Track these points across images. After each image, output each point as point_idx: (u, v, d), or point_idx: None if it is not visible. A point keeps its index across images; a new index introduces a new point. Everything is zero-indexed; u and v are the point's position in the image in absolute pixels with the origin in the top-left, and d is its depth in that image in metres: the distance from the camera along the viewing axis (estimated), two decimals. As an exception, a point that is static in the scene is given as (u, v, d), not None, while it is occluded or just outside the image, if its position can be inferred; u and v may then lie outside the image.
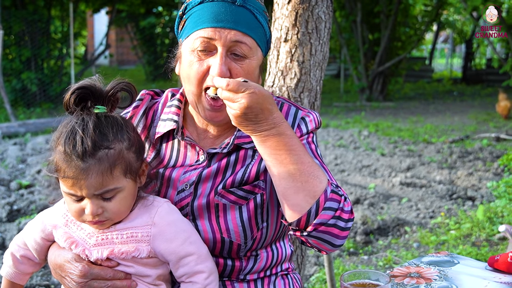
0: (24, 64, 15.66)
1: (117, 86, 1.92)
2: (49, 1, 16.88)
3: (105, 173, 1.78)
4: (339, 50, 21.23)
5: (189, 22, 1.98)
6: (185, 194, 2.05)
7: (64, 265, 1.94)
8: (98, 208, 1.82)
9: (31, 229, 2.04)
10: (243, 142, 2.05)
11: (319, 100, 3.11)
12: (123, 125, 1.88)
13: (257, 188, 2.04)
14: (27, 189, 7.47)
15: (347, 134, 11.77)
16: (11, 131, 11.43)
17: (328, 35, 3.04)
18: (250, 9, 1.96)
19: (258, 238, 2.07)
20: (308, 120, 2.08)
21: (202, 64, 1.95)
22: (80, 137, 1.77)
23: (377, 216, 6.43)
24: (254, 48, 1.98)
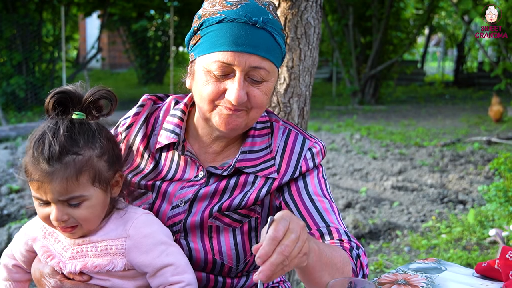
0: (15, 67, 15.61)
1: (96, 93, 1.87)
2: (41, 5, 16.83)
3: (70, 179, 1.73)
4: (331, 54, 21.28)
5: (205, 40, 1.88)
6: (179, 211, 2.01)
7: (41, 280, 1.93)
8: (63, 214, 1.77)
9: (17, 241, 2.02)
10: (244, 166, 1.99)
11: (308, 105, 3.11)
12: (96, 132, 1.82)
13: (252, 212, 2.00)
14: (17, 193, 7.43)
15: (339, 137, 11.78)
16: (2, 135, 11.38)
17: (317, 41, 3.04)
18: (270, 31, 1.87)
19: (251, 261, 2.05)
20: (315, 151, 2.03)
21: (218, 86, 1.87)
22: (48, 141, 1.73)
23: (368, 220, 6.43)
24: (272, 71, 1.90)
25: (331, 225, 1.92)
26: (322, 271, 1.67)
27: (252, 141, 2.03)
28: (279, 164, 2.01)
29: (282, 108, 3.00)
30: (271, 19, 1.88)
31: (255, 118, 1.95)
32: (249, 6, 1.86)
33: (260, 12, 1.86)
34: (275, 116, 2.13)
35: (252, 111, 1.91)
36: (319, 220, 1.93)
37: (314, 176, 2.01)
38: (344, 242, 1.88)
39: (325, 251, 1.69)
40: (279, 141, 2.05)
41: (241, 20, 1.83)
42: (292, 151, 2.02)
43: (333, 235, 1.89)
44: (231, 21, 1.84)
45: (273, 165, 2.00)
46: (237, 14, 1.84)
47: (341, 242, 1.87)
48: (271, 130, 2.07)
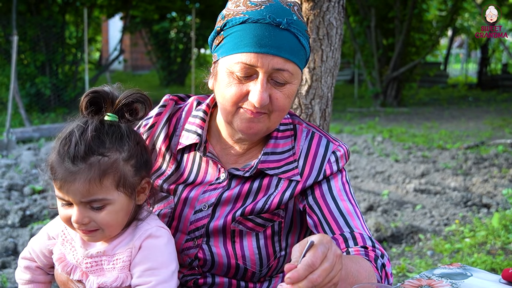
0: (39, 69, 15.76)
1: (130, 96, 1.82)
2: (64, 7, 16.99)
3: (93, 180, 1.68)
4: (353, 56, 21.19)
5: (228, 41, 1.85)
6: (202, 215, 1.99)
7: (68, 283, 1.91)
8: (84, 217, 1.71)
9: (38, 243, 1.99)
10: (267, 168, 1.97)
11: (330, 107, 3.07)
12: (125, 135, 1.77)
13: (276, 216, 1.97)
14: (40, 194, 7.48)
15: (361, 139, 11.70)
16: (25, 136, 11.48)
17: (339, 41, 3.00)
18: (294, 32, 1.83)
19: (274, 266, 2.02)
20: (339, 155, 1.99)
21: (241, 87, 1.84)
22: (75, 140, 1.69)
23: (390, 223, 6.36)
24: (296, 73, 1.87)
25: (355, 230, 1.89)
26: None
27: (275, 143, 2.00)
28: (303, 167, 1.98)
29: (304, 109, 2.97)
30: (296, 20, 1.85)
31: (277, 121, 1.92)
32: (273, 7, 1.83)
33: (285, 13, 1.83)
34: (298, 118, 2.10)
35: (274, 114, 1.88)
36: (343, 225, 1.90)
37: (338, 179, 1.98)
38: (368, 249, 1.84)
39: (352, 271, 1.64)
40: (303, 143, 2.02)
41: (265, 21, 1.80)
42: (315, 154, 1.99)
43: (357, 240, 1.86)
44: (254, 22, 1.81)
45: (296, 167, 1.97)
46: (261, 15, 1.81)
47: (365, 250, 1.83)
48: (294, 133, 2.04)
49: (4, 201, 7.00)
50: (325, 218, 1.92)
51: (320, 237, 1.44)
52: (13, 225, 6.20)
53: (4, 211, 6.56)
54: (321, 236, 1.44)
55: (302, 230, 2.05)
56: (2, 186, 7.69)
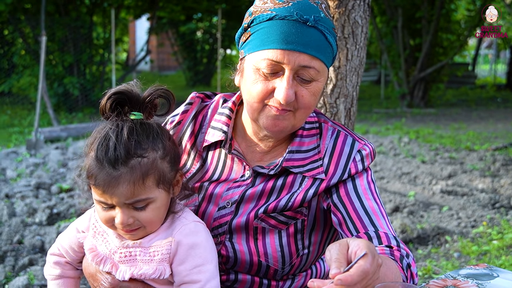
0: (67, 69, 15.94)
1: (155, 93, 1.83)
2: (92, 8, 17.16)
3: (137, 183, 1.69)
4: (380, 56, 21.06)
5: (255, 37, 1.86)
6: (226, 212, 1.99)
7: (96, 275, 1.91)
8: (129, 217, 1.74)
9: (67, 238, 2.01)
10: (292, 166, 1.96)
11: (355, 106, 3.05)
12: (159, 133, 1.78)
13: (299, 214, 1.96)
14: (67, 193, 7.57)
15: (387, 140, 11.62)
16: (53, 136, 11.62)
17: (364, 40, 2.98)
18: (321, 29, 1.82)
19: (297, 264, 2.01)
20: (365, 154, 1.98)
21: (267, 84, 1.84)
22: (113, 144, 1.68)
23: (416, 224, 6.30)
24: (322, 71, 1.86)
25: (380, 229, 1.87)
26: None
27: (300, 141, 2.00)
28: (327, 165, 1.97)
29: (329, 108, 2.96)
30: (323, 18, 1.84)
31: (302, 119, 1.91)
32: (300, 4, 1.82)
33: (312, 10, 1.82)
34: (324, 117, 2.09)
35: (299, 112, 1.87)
36: (368, 223, 1.88)
37: (364, 178, 1.97)
38: (393, 249, 1.82)
39: (380, 275, 1.60)
40: (328, 142, 2.01)
41: (292, 18, 1.80)
42: (341, 153, 1.98)
43: (382, 239, 1.84)
44: (282, 19, 1.81)
45: (321, 165, 1.96)
46: (288, 12, 1.80)
47: (390, 250, 1.81)
48: (319, 131, 2.03)
49: (32, 199, 7.09)
50: (349, 217, 1.90)
51: (369, 245, 1.42)
52: (40, 223, 6.28)
53: (32, 209, 6.64)
54: (369, 244, 1.43)
55: (326, 229, 2.03)
56: (30, 184, 7.79)
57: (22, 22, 16.16)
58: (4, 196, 7.30)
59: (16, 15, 15.79)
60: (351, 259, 1.42)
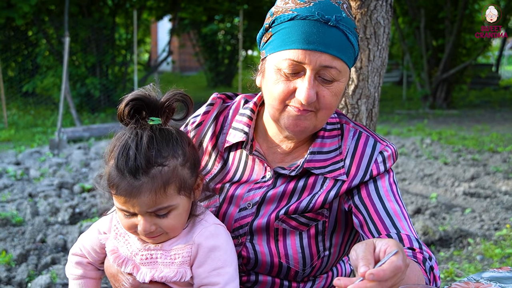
0: (89, 70, 16.08)
1: (173, 97, 1.82)
2: (114, 9, 17.30)
3: (158, 191, 1.69)
4: (402, 57, 20.94)
5: (276, 37, 1.85)
6: (247, 213, 1.99)
7: (118, 275, 1.93)
8: (151, 225, 1.74)
9: (88, 238, 2.03)
10: (313, 167, 1.95)
11: (377, 107, 3.03)
12: (178, 140, 1.78)
13: (320, 215, 1.95)
14: (89, 192, 7.63)
15: (409, 142, 11.54)
16: (75, 136, 11.72)
17: (387, 41, 2.96)
18: (343, 29, 1.81)
19: (318, 266, 2.00)
20: (387, 155, 1.96)
21: (288, 84, 1.83)
22: (133, 153, 1.68)
23: (438, 226, 6.25)
24: (344, 71, 1.85)
25: (401, 231, 1.86)
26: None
27: (322, 142, 1.99)
28: (349, 167, 1.96)
29: (350, 109, 2.94)
30: (345, 18, 1.83)
31: (323, 120, 1.90)
32: (322, 4, 1.82)
33: (334, 10, 1.82)
34: (345, 117, 2.08)
35: (320, 112, 1.87)
36: (390, 226, 1.87)
37: (385, 180, 1.95)
38: (416, 251, 1.81)
39: (408, 274, 1.61)
40: (349, 143, 2.00)
41: (314, 18, 1.79)
42: (362, 154, 1.97)
43: (404, 242, 1.83)
44: (303, 19, 1.80)
45: (343, 167, 1.95)
46: (310, 12, 1.80)
47: (413, 252, 1.80)
48: (341, 132, 2.02)
49: (54, 198, 7.16)
50: (371, 218, 1.89)
51: (398, 244, 1.41)
52: (63, 222, 6.34)
53: (55, 208, 6.71)
54: (398, 243, 1.42)
55: (347, 231, 2.02)
56: (53, 184, 7.87)
57: (46, 23, 16.34)
58: (27, 196, 7.38)
59: (40, 16, 15.98)
60: (378, 258, 1.41)
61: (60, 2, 15.41)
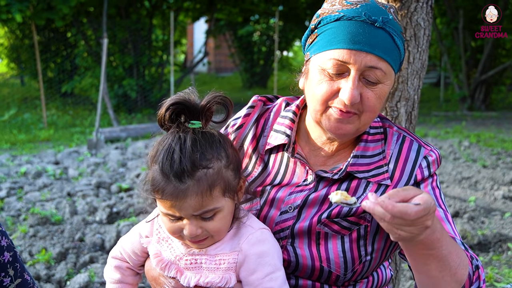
0: (127, 71, 16.26)
1: (213, 100, 1.82)
2: (151, 11, 17.46)
3: (204, 194, 1.69)
4: (440, 58, 20.65)
5: (322, 38, 1.86)
6: (288, 217, 1.98)
7: (159, 279, 1.94)
8: (197, 228, 1.75)
9: (129, 242, 2.04)
10: (356, 171, 1.94)
11: (416, 110, 3.00)
12: (221, 142, 1.78)
13: (362, 219, 1.94)
14: (126, 192, 7.71)
15: (447, 144, 11.39)
16: (113, 136, 11.87)
17: (427, 43, 2.93)
18: (389, 31, 1.81)
19: (359, 270, 1.98)
20: (431, 160, 1.95)
21: (332, 85, 1.83)
22: (178, 156, 1.68)
23: (477, 230, 6.15)
24: (389, 73, 1.83)
25: None
26: (430, 263, 1.69)
27: (365, 146, 1.97)
28: (393, 171, 1.94)
29: (389, 112, 2.92)
30: (391, 20, 1.83)
31: (367, 123, 1.89)
32: (369, 6, 1.82)
33: (380, 12, 1.82)
34: (388, 121, 2.07)
35: (364, 115, 1.85)
36: None
37: (429, 184, 1.93)
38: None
39: (441, 245, 1.67)
40: (393, 147, 1.98)
41: (360, 18, 1.79)
42: (406, 159, 1.95)
43: None
44: (349, 19, 1.80)
45: (386, 171, 1.94)
46: (356, 12, 1.80)
47: None
48: (384, 136, 2.01)
49: (92, 198, 7.26)
50: None
51: (430, 203, 1.53)
52: (100, 221, 6.42)
53: (93, 207, 6.80)
54: (431, 203, 1.53)
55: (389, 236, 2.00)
56: (91, 183, 7.98)
57: (84, 24, 16.59)
58: (66, 195, 7.50)
59: (79, 18, 16.24)
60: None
61: (98, 3, 15.62)
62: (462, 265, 1.71)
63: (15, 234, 5.90)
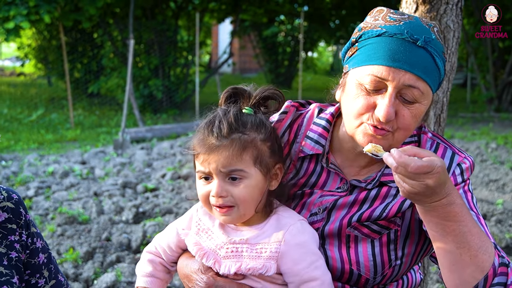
0: (152, 71, 16.37)
1: (266, 91, 2.01)
2: (177, 12, 17.56)
3: (234, 154, 1.82)
4: (466, 59, 20.46)
5: (362, 52, 1.85)
6: (317, 218, 1.99)
7: (191, 276, 1.96)
8: (223, 190, 1.84)
9: (166, 236, 2.09)
10: (390, 181, 1.95)
11: (445, 112, 2.98)
12: (264, 121, 1.93)
13: (392, 224, 1.94)
14: (152, 192, 7.77)
15: (473, 146, 11.27)
16: (138, 136, 11.96)
17: (456, 45, 2.91)
18: (431, 51, 1.80)
19: (389, 274, 1.99)
20: (465, 167, 1.94)
21: (368, 100, 1.82)
22: (219, 119, 1.87)
23: (505, 234, 6.08)
24: (426, 93, 1.82)
25: None
26: (447, 235, 1.71)
27: None
28: None
29: (418, 115, 2.90)
30: (434, 40, 1.82)
31: (400, 140, 1.88)
32: (412, 24, 1.81)
33: (423, 31, 1.81)
34: (423, 127, 2.06)
35: (398, 133, 1.85)
36: None
37: (460, 188, 1.92)
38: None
39: (461, 220, 1.70)
40: None
41: (402, 36, 1.78)
42: None
43: None
44: (391, 36, 1.80)
45: None
46: (399, 30, 1.79)
47: None
48: (418, 144, 2.01)
49: (119, 198, 7.33)
50: None
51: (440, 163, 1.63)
52: (127, 221, 6.48)
53: (119, 207, 6.87)
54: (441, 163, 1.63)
55: (420, 240, 1.99)
56: (117, 183, 8.06)
57: (111, 25, 16.74)
58: (92, 194, 7.58)
59: (106, 19, 16.39)
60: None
61: (125, 5, 15.76)
62: (484, 250, 1.71)
63: (44, 233, 5.98)
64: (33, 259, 1.84)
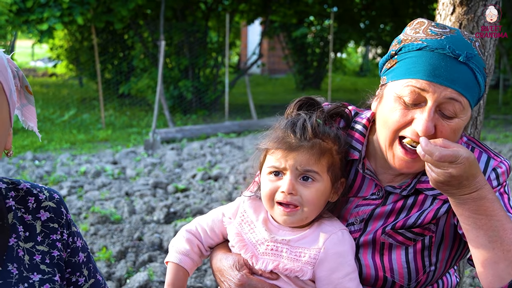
0: (182, 72, 16.47)
1: (336, 109, 2.03)
2: (207, 13, 17.64)
3: (313, 156, 1.86)
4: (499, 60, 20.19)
5: (401, 65, 1.84)
6: (354, 229, 1.99)
7: (225, 271, 1.96)
8: (294, 187, 1.86)
9: (210, 218, 2.09)
10: (425, 188, 1.93)
11: (482, 115, 2.96)
12: (339, 134, 1.96)
13: (427, 230, 1.93)
14: (182, 192, 7.82)
15: (506, 148, 11.12)
16: (169, 137, 12.05)
17: (494, 47, 2.88)
18: (472, 67, 1.78)
19: (423, 280, 1.98)
20: (500, 172, 1.91)
21: (406, 114, 1.81)
22: (303, 120, 1.91)
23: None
24: (466, 108, 1.80)
25: None
26: (479, 228, 1.72)
27: None
28: None
29: (454, 117, 2.88)
30: (476, 56, 1.79)
31: None
32: (454, 38, 1.79)
33: (465, 46, 1.78)
34: None
35: None
36: None
37: (496, 191, 1.90)
38: None
39: (494, 215, 1.71)
40: None
41: (443, 51, 1.76)
42: None
43: None
44: (432, 50, 1.78)
45: None
46: (440, 44, 1.77)
47: None
48: None
49: (150, 198, 7.39)
50: None
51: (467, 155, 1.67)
52: (158, 221, 6.53)
53: (150, 207, 6.92)
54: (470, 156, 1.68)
55: (454, 245, 1.98)
56: (148, 183, 8.12)
57: (141, 27, 16.89)
58: (124, 194, 7.66)
59: (137, 21, 16.54)
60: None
61: (155, 6, 15.89)
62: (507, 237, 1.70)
63: (77, 232, 6.05)
64: (74, 257, 1.88)
